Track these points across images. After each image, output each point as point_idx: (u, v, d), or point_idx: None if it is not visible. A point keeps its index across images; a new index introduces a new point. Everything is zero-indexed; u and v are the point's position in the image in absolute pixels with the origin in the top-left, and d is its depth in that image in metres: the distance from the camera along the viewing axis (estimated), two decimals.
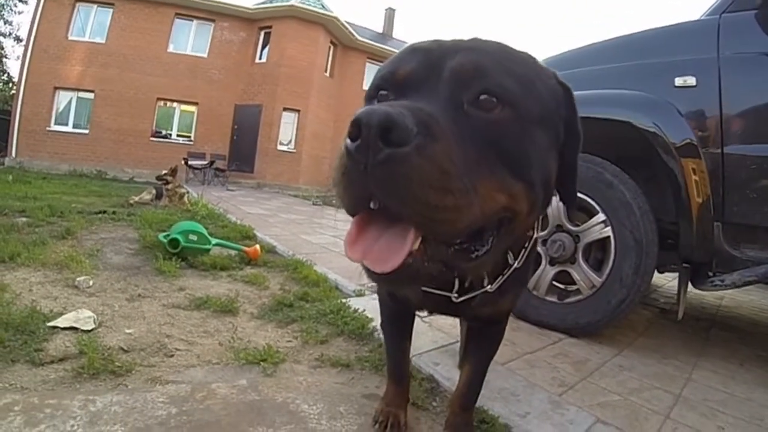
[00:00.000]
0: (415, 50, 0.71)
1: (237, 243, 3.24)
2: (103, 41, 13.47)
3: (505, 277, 0.86)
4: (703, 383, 1.78)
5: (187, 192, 5.80)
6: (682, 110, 1.91)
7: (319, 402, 1.29)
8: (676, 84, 1.92)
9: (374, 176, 0.52)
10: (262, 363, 1.47)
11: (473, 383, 1.11)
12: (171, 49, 14.05)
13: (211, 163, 12.98)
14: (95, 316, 1.66)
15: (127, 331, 1.62)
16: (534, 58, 0.74)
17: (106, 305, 1.85)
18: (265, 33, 14.63)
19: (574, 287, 2.19)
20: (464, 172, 0.56)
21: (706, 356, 2.12)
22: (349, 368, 1.54)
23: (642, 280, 1.97)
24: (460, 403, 1.13)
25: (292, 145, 14.48)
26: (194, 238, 2.72)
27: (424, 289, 0.89)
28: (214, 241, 2.87)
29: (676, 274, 2.23)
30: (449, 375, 1.52)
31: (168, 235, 2.75)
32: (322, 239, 4.34)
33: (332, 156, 15.98)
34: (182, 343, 1.58)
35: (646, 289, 2.06)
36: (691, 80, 1.90)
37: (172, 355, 1.47)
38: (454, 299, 0.86)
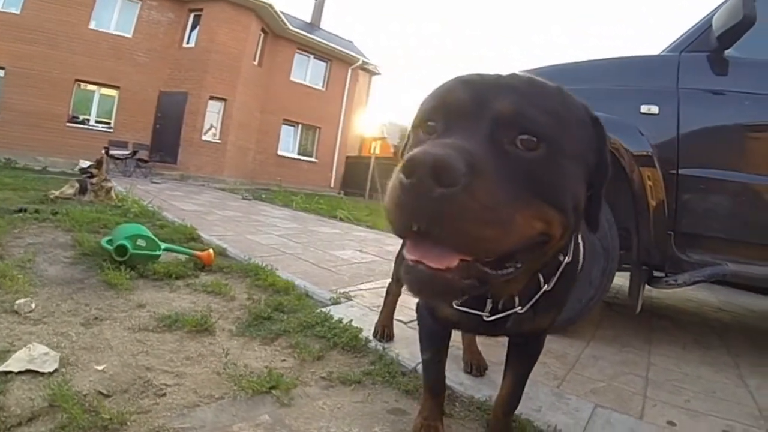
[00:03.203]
0: (461, 84, 0.75)
1: (182, 246, 3.00)
2: (18, 11, 11.47)
3: (536, 299, 0.92)
4: (661, 366, 2.04)
5: (115, 186, 5.29)
6: (644, 133, 2.12)
7: (352, 426, 1.24)
8: (642, 111, 2.14)
9: (426, 211, 0.59)
10: (273, 391, 1.34)
11: (515, 392, 1.20)
12: (93, 26, 12.40)
13: (134, 153, 11.91)
14: (53, 352, 1.38)
15: (98, 367, 1.37)
16: (567, 93, 0.78)
17: (60, 335, 1.55)
18: (195, 15, 13.59)
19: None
20: (505, 205, 0.63)
21: (655, 343, 2.37)
22: (361, 384, 1.48)
23: (608, 281, 2.18)
24: (503, 410, 1.23)
25: (217, 136, 13.73)
26: (143, 243, 2.46)
27: (459, 308, 0.95)
28: (163, 245, 2.63)
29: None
30: (460, 380, 1.58)
31: (111, 241, 2.47)
32: (270, 239, 4.17)
33: (258, 147, 15.44)
34: (168, 376, 1.38)
35: (609, 289, 2.28)
36: (655, 109, 2.13)
37: (163, 394, 1.28)
38: (485, 318, 0.92)
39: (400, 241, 0.78)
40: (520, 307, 0.91)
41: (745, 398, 1.79)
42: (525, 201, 0.66)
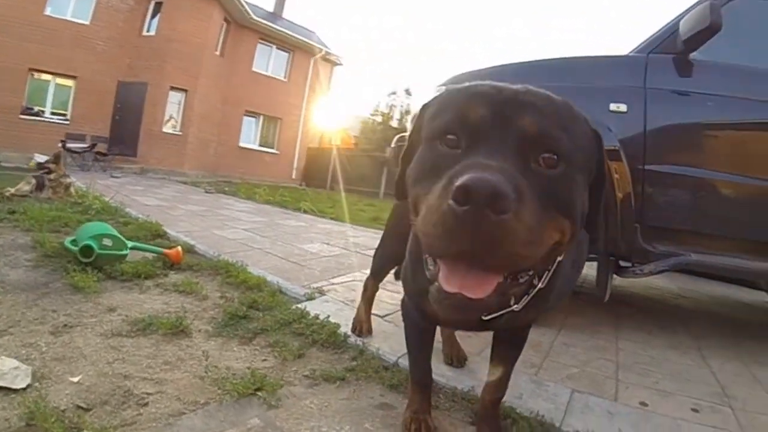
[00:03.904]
0: (479, 98, 0.77)
1: (149, 243, 2.91)
2: None
3: (530, 296, 0.94)
4: (629, 350, 2.14)
5: (74, 182, 5.05)
6: (613, 129, 2.18)
7: (343, 423, 1.24)
8: (611, 108, 2.20)
9: (481, 237, 0.61)
10: (259, 393, 1.32)
11: (502, 381, 1.25)
12: (48, 12, 11.52)
13: (92, 146, 11.30)
14: (24, 366, 1.29)
15: (73, 379, 1.29)
16: (574, 108, 0.82)
17: (28, 346, 1.46)
18: (156, 2, 12.87)
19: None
20: (538, 224, 0.67)
21: (622, 329, 2.47)
22: (346, 381, 1.49)
23: (578, 273, 2.25)
24: (491, 399, 1.27)
25: (178, 128, 13.25)
26: (109, 243, 2.36)
27: None
28: (130, 244, 2.54)
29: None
30: (441, 372, 1.60)
31: (76, 241, 2.36)
32: (237, 234, 4.08)
33: (219, 139, 15.03)
34: (149, 384, 1.33)
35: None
36: (623, 107, 2.20)
37: (146, 403, 1.22)
38: (483, 317, 0.94)
39: (365, 233, 0.83)
40: (516, 306, 0.93)
41: (709, 378, 1.90)
42: (549, 216, 0.70)
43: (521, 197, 0.63)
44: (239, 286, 2.38)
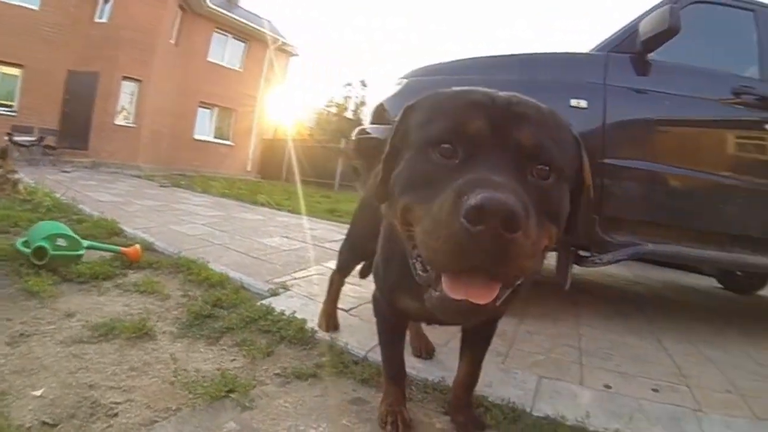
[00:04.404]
0: (474, 106, 0.78)
1: (106, 242, 2.78)
2: None
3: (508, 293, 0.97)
4: (590, 336, 2.23)
5: (22, 177, 4.77)
6: (573, 125, 2.25)
7: (319, 421, 1.23)
8: (571, 104, 2.25)
9: (493, 254, 0.63)
10: (231, 395, 1.29)
11: (473, 371, 1.30)
12: None
13: (41, 139, 10.70)
14: None
15: (36, 393, 1.21)
16: (560, 117, 0.85)
17: None
18: None
19: None
20: (539, 236, 0.70)
21: (582, 316, 2.57)
22: (317, 378, 1.48)
23: (540, 264, 2.34)
24: (464, 389, 1.32)
25: (131, 119, 12.71)
26: (63, 243, 2.24)
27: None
28: (85, 243, 2.42)
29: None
30: (411, 365, 1.60)
31: (28, 242, 2.23)
32: (196, 229, 3.96)
33: (173, 132, 14.51)
34: (116, 393, 1.26)
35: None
36: (584, 103, 2.26)
37: (115, 414, 1.16)
38: None
39: (322, 225, 0.84)
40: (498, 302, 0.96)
41: (666, 360, 2.02)
42: (544, 226, 0.74)
43: (528, 214, 0.65)
44: (202, 284, 2.32)
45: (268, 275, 2.61)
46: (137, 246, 2.62)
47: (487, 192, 0.63)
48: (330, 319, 1.89)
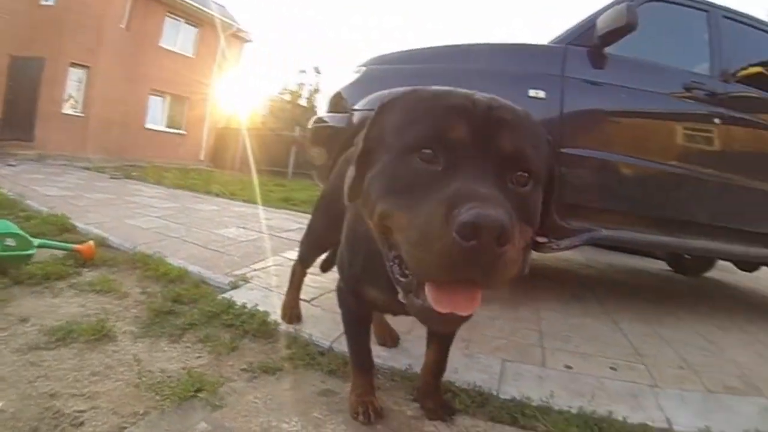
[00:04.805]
0: (456, 111, 0.77)
1: (57, 239, 2.64)
2: None
3: None
4: (550, 320, 2.32)
5: None
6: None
7: (291, 415, 1.23)
8: (529, 94, 2.31)
9: (485, 267, 0.65)
10: (199, 394, 1.26)
11: (441, 358, 1.33)
12: None
13: None
14: None
15: None
16: (533, 119, 0.86)
17: None
18: None
19: None
20: (521, 243, 0.73)
21: (542, 300, 2.66)
22: (284, 371, 1.47)
23: (523, 265, 2.45)
24: (433, 375, 1.35)
25: (79, 108, 12.03)
26: (12, 243, 2.11)
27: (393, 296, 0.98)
28: (36, 242, 2.30)
29: None
30: (377, 353, 1.57)
31: None
32: (151, 223, 3.81)
33: (124, 121, 13.84)
34: (79, 401, 1.20)
35: None
36: (542, 93, 2.32)
37: (81, 423, 1.10)
38: None
39: (278, 214, 0.84)
40: None
41: (622, 340, 2.13)
42: (522, 229, 0.75)
43: (513, 225, 0.66)
44: (160, 280, 2.25)
45: (227, 268, 2.56)
46: (91, 242, 2.51)
47: (479, 207, 0.63)
48: (293, 311, 1.88)
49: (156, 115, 15.22)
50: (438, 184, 0.71)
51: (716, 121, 2.55)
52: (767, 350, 2.31)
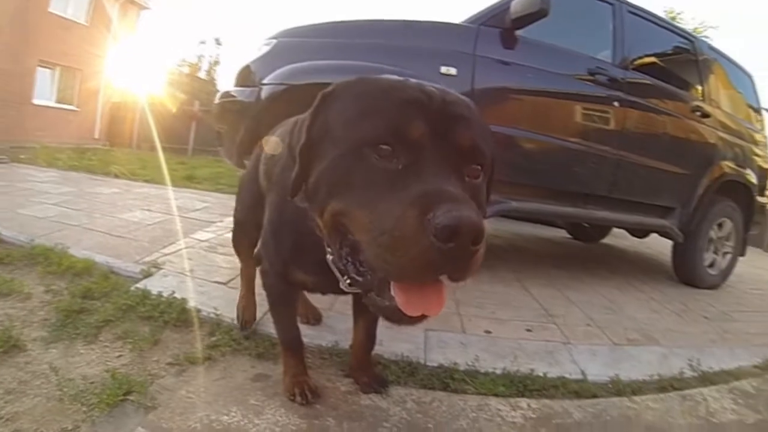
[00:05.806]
0: (412, 106, 0.76)
1: None
2: None
3: None
4: (463, 288, 2.35)
5: None
6: None
7: (229, 406, 1.21)
8: (441, 71, 2.38)
9: (455, 266, 0.67)
10: (129, 397, 1.18)
11: (370, 334, 1.37)
12: None
13: None
14: None
15: None
16: (477, 109, 0.88)
17: None
18: None
19: None
20: None
21: None
22: (212, 360, 1.44)
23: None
24: (364, 350, 1.39)
25: None
26: None
27: (323, 277, 0.99)
28: None
29: None
30: (302, 332, 1.53)
31: None
32: (47, 211, 3.43)
33: (9, 96, 12.02)
34: None
35: None
36: (453, 70, 2.39)
37: None
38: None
39: (183, 194, 0.81)
40: None
41: (533, 304, 2.34)
42: None
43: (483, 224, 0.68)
44: (65, 275, 2.05)
45: (136, 255, 2.39)
46: None
47: (455, 210, 0.64)
48: (245, 311, 1.72)
49: (45, 89, 13.42)
50: (401, 181, 0.70)
51: (615, 104, 2.83)
52: (660, 306, 2.70)
